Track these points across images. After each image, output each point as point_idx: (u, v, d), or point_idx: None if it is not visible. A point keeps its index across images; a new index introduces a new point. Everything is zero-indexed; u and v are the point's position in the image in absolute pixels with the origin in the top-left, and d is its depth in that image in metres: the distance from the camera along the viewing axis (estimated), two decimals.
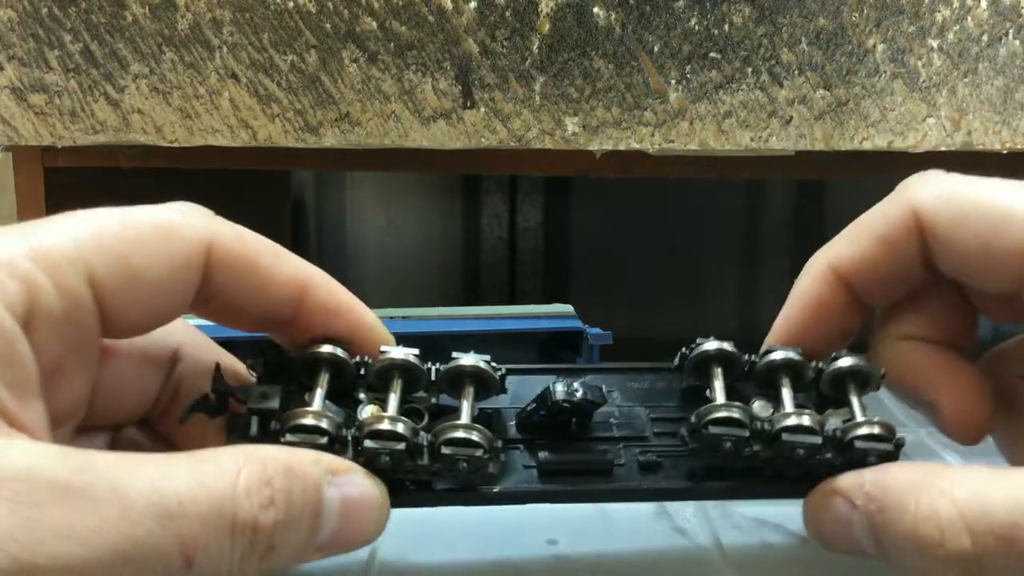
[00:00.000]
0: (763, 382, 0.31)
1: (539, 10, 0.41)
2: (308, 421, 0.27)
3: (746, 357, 0.31)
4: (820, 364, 0.30)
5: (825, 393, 0.31)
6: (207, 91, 0.42)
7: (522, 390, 0.31)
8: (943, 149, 0.42)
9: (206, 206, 0.28)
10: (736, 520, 0.38)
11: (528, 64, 0.42)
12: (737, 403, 0.29)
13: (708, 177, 0.48)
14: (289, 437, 0.26)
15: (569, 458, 0.30)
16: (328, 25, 0.41)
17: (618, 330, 0.43)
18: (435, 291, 0.91)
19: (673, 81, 0.42)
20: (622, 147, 0.42)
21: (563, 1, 0.41)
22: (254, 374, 0.29)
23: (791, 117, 0.42)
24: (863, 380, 0.30)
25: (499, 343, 0.43)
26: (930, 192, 0.30)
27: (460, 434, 0.27)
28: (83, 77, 0.42)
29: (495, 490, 0.29)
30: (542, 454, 0.30)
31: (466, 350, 0.29)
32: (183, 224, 0.26)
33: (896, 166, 0.46)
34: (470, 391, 0.29)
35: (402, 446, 0.27)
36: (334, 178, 0.88)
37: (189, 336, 0.30)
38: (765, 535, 0.37)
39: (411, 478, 0.28)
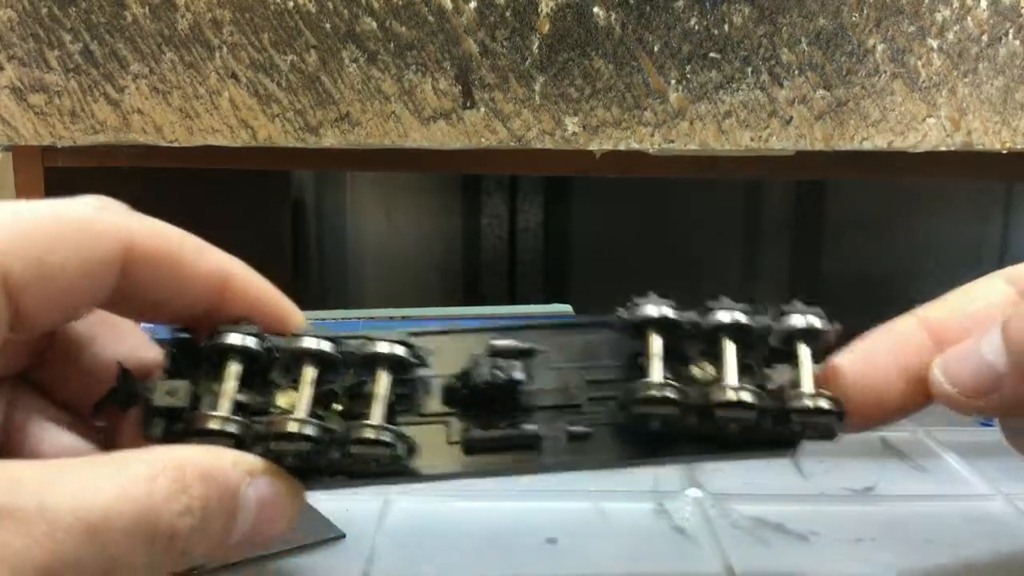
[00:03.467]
0: (709, 341, 0.29)
1: (539, 10, 0.41)
2: (214, 426, 0.27)
3: (690, 316, 0.29)
4: (770, 320, 0.29)
5: (777, 348, 0.29)
6: (207, 91, 0.42)
7: (456, 354, 0.29)
8: (943, 149, 0.42)
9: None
10: (736, 520, 0.38)
11: (528, 64, 0.42)
12: (669, 380, 0.28)
13: (708, 177, 0.48)
14: (195, 440, 0.26)
15: (494, 434, 0.29)
16: (328, 25, 0.41)
17: None
18: (435, 291, 0.91)
19: (673, 81, 0.42)
20: (622, 147, 0.42)
21: (563, 1, 0.41)
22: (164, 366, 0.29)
23: (791, 117, 0.42)
24: (815, 338, 0.29)
25: None
26: None
27: (368, 435, 0.27)
28: (83, 77, 0.42)
29: (414, 471, 0.28)
30: (466, 430, 0.29)
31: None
32: (99, 221, 0.26)
33: (896, 166, 0.46)
34: (386, 377, 0.28)
35: (308, 446, 0.26)
36: (334, 178, 0.88)
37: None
38: (765, 535, 0.37)
39: (325, 470, 0.28)
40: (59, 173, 0.45)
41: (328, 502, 0.39)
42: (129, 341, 0.30)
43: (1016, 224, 0.86)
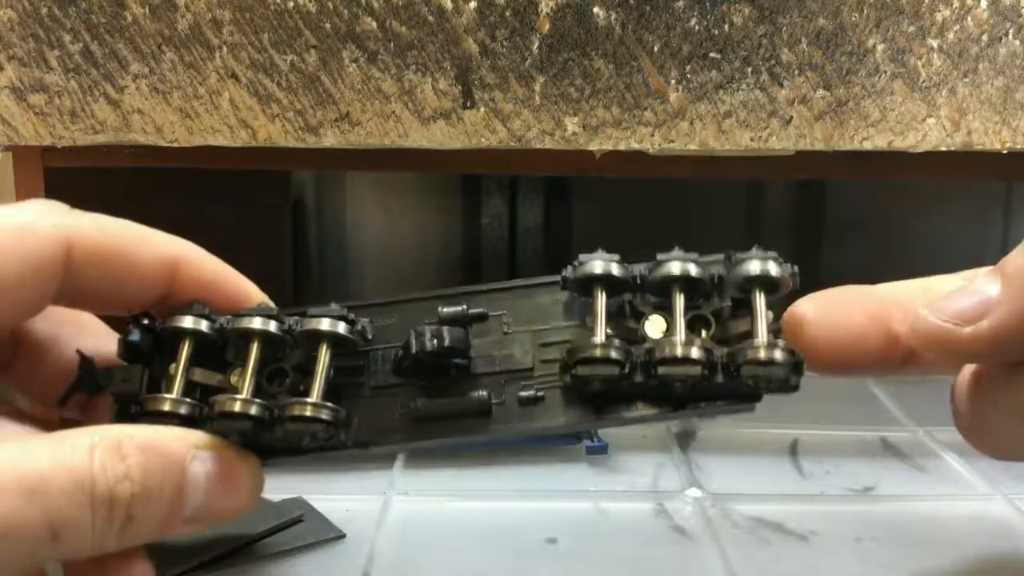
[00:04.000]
0: (661, 295, 0.28)
1: (539, 10, 0.41)
2: (164, 407, 0.28)
3: (638, 270, 0.28)
4: (723, 269, 0.28)
5: (735, 297, 0.28)
6: (207, 91, 0.42)
7: (412, 323, 0.29)
8: (943, 149, 0.42)
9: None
10: (736, 519, 0.38)
11: (528, 64, 0.42)
12: (612, 339, 0.27)
13: (708, 177, 0.48)
14: (147, 421, 0.27)
15: (443, 402, 0.29)
16: (328, 25, 0.41)
17: None
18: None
19: (673, 81, 0.42)
20: (622, 147, 0.42)
21: (563, 1, 0.41)
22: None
23: (791, 117, 0.42)
24: (772, 286, 0.27)
25: None
26: None
27: (300, 412, 0.27)
28: (83, 77, 0.42)
29: (361, 442, 0.29)
30: (414, 400, 0.29)
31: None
32: (38, 224, 0.27)
33: (896, 166, 0.46)
34: (326, 354, 0.28)
35: (250, 425, 0.27)
36: (334, 178, 0.88)
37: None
38: (765, 534, 0.37)
39: (272, 447, 0.28)
40: (59, 173, 0.45)
41: (328, 502, 0.39)
42: (90, 333, 0.31)
43: (1016, 224, 0.86)
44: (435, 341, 0.28)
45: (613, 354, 0.26)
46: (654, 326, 0.28)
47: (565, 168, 0.46)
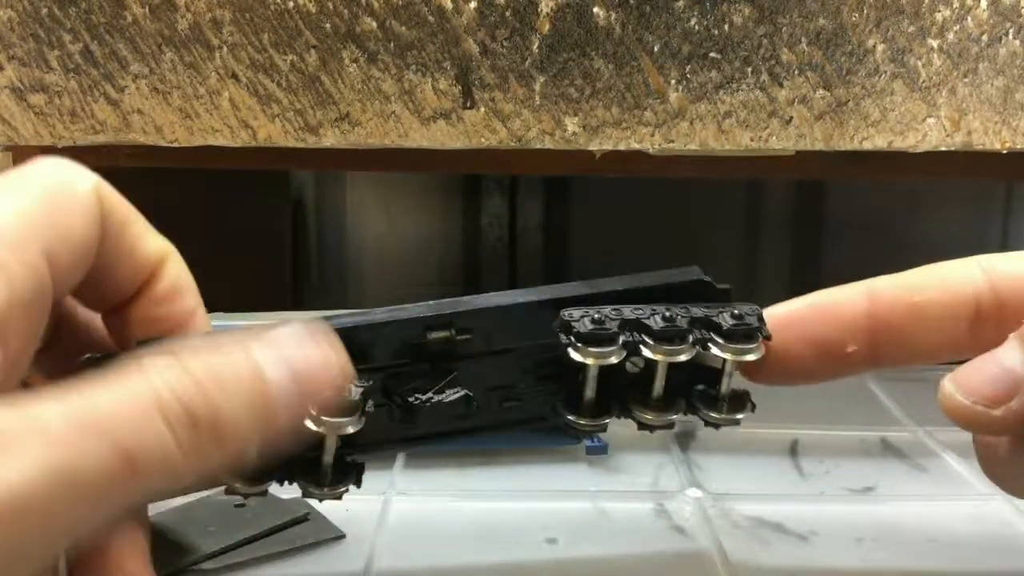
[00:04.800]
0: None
1: (539, 10, 0.41)
2: None
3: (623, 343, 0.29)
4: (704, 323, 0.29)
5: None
6: (207, 91, 0.42)
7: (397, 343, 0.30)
8: (943, 149, 0.42)
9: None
10: (736, 520, 0.38)
11: (528, 64, 0.42)
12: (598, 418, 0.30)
13: (708, 177, 0.48)
14: None
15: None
16: (328, 25, 0.41)
17: None
18: (435, 291, 0.91)
19: (673, 81, 0.42)
20: (622, 147, 0.42)
21: (563, 1, 0.41)
22: None
23: (791, 117, 0.42)
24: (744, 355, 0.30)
25: None
26: None
27: None
28: (83, 77, 0.42)
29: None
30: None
31: None
32: (81, 177, 0.25)
33: (896, 166, 0.46)
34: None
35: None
36: (334, 178, 0.88)
37: None
38: (765, 535, 0.37)
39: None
40: None
41: (328, 502, 0.39)
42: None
43: (1016, 224, 0.86)
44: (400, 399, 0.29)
45: (600, 423, 0.30)
46: (634, 365, 0.30)
47: (565, 168, 0.46)
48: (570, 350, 0.28)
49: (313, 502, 0.39)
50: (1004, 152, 0.42)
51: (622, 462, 0.44)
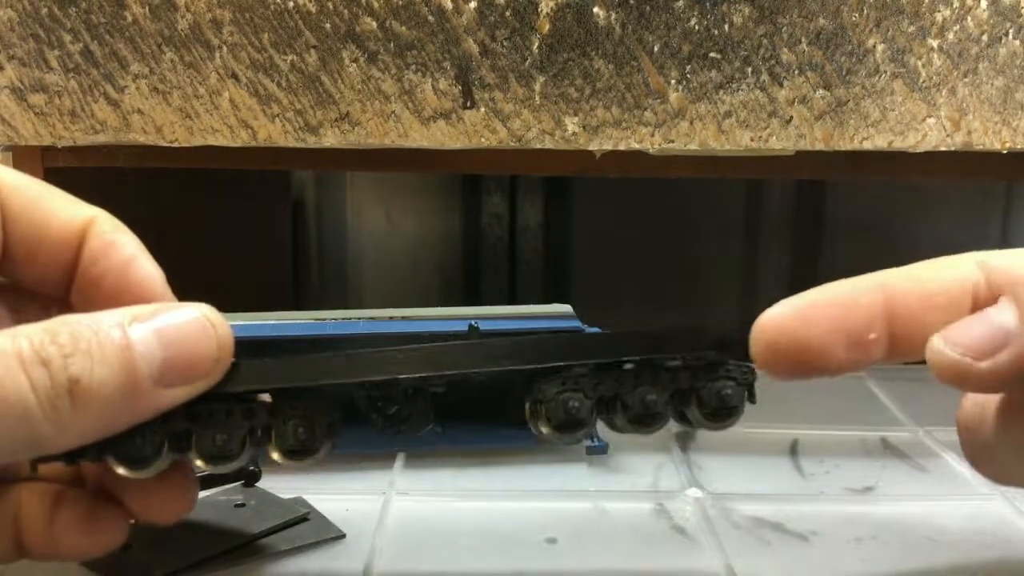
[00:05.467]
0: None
1: (539, 10, 0.41)
2: None
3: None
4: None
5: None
6: (207, 91, 0.42)
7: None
8: (943, 149, 0.42)
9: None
10: (736, 520, 0.38)
11: (528, 64, 0.42)
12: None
13: (708, 177, 0.48)
14: None
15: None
16: (328, 25, 0.41)
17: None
18: (435, 291, 0.91)
19: (673, 81, 0.42)
20: (622, 147, 0.42)
21: (563, 1, 0.41)
22: None
23: (791, 117, 0.42)
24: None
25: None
26: None
27: None
28: (83, 77, 0.42)
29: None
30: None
31: None
32: None
33: (896, 166, 0.46)
34: None
35: None
36: (334, 178, 0.88)
37: None
38: (765, 535, 0.37)
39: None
40: (59, 173, 0.45)
41: (328, 502, 0.39)
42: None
43: (1016, 224, 0.86)
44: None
45: None
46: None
47: (565, 168, 0.46)
48: None
49: (313, 502, 0.39)
50: (1004, 152, 0.42)
51: (622, 462, 0.44)
